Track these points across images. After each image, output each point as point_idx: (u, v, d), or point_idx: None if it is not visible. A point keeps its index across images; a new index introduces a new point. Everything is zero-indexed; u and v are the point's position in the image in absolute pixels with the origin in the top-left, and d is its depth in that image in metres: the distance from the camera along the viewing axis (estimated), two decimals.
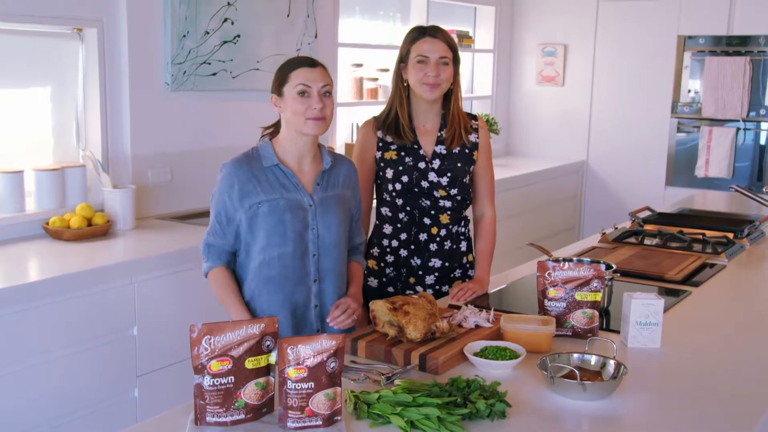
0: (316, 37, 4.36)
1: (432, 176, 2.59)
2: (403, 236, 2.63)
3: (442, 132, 2.62)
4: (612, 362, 1.87)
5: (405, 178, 2.59)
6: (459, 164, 2.61)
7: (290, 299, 2.23)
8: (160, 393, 3.02)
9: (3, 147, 3.27)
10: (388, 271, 2.65)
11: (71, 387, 2.74)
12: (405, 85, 2.60)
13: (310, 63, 2.21)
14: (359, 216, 2.43)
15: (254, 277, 2.23)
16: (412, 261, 2.65)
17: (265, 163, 2.21)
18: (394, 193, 2.61)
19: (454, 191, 2.61)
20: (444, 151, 2.61)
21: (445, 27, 5.63)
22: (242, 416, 1.62)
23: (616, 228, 3.51)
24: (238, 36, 3.92)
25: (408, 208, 2.63)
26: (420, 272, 2.65)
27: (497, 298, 2.58)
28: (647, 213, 3.76)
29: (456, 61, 2.57)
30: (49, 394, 2.67)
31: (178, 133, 3.76)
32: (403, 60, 2.58)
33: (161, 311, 3.00)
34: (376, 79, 5.08)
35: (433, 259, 2.64)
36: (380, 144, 2.61)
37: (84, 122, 3.48)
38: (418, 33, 2.57)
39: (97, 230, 3.18)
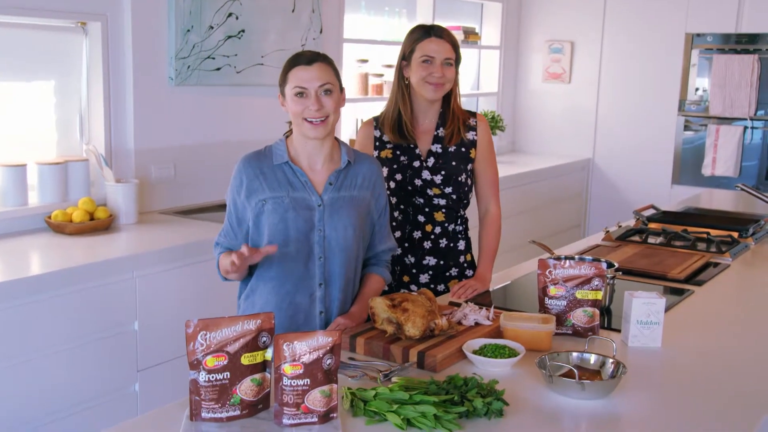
0: (321, 32, 4.35)
1: (425, 174, 2.58)
2: (397, 234, 2.63)
3: (439, 130, 2.61)
4: (611, 361, 1.85)
5: (399, 176, 2.59)
6: (454, 163, 2.60)
7: (290, 302, 2.17)
8: (161, 388, 3.03)
9: (6, 141, 3.27)
10: None
11: (72, 381, 2.74)
12: (406, 83, 2.58)
13: (308, 60, 2.10)
14: (385, 220, 2.30)
15: (255, 274, 2.20)
16: (405, 259, 2.64)
17: (275, 161, 2.16)
18: (388, 191, 2.60)
19: (448, 189, 2.60)
20: (440, 150, 2.60)
21: (452, 23, 5.71)
22: (238, 412, 1.61)
23: (620, 226, 3.50)
24: (243, 31, 3.91)
25: (402, 206, 2.62)
26: (413, 270, 2.65)
27: (500, 295, 2.57)
28: (652, 211, 3.73)
29: (458, 61, 2.57)
30: (50, 388, 2.67)
31: (182, 127, 3.76)
32: (405, 58, 2.57)
33: (163, 306, 3.00)
34: (381, 75, 5.07)
35: (427, 257, 2.63)
36: (377, 143, 2.61)
37: (87, 116, 3.49)
38: (424, 33, 2.54)
39: (99, 224, 3.19)
